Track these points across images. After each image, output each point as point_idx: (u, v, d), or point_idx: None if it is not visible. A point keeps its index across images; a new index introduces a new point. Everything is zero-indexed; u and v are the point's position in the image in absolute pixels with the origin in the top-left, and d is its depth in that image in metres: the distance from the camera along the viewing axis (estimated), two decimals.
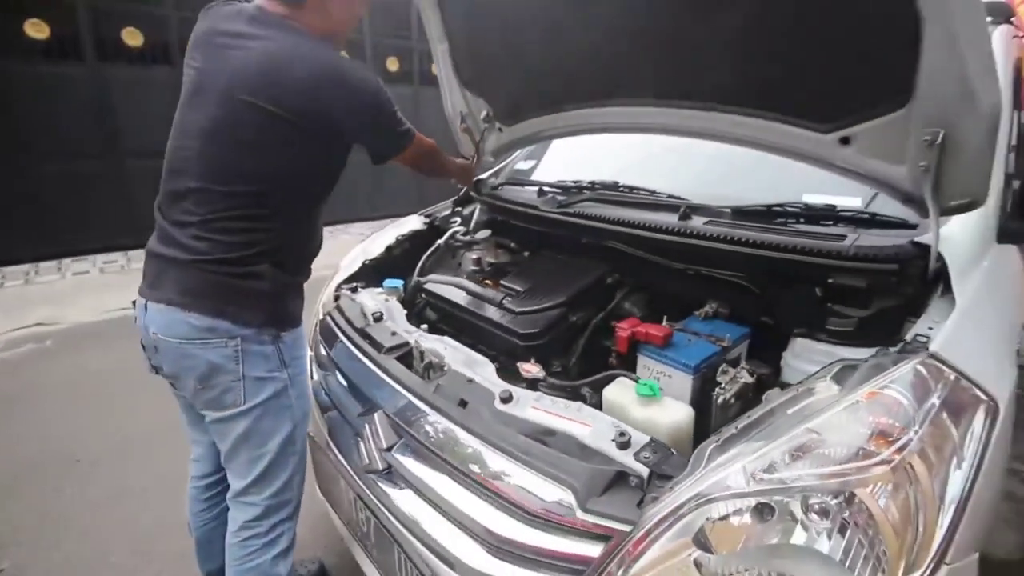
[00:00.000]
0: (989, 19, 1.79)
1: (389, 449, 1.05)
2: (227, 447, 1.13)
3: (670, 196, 1.43)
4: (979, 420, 0.81)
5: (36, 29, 4.33)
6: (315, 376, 1.40)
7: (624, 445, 0.82)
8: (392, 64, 6.38)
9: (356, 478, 1.11)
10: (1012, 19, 1.98)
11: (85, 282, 4.44)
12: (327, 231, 1.24)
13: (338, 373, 1.32)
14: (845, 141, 1.03)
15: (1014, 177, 1.38)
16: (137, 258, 5.17)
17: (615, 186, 1.55)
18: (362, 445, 1.11)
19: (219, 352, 1.05)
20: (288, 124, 1.01)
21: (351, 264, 1.68)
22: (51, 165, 4.53)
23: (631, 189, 1.52)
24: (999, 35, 1.67)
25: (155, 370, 1.16)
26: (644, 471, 0.78)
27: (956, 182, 0.91)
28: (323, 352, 1.40)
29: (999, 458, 0.83)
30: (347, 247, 1.86)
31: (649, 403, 0.97)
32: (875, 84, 0.92)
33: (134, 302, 1.13)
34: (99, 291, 4.22)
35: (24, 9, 4.25)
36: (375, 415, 1.11)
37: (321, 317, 1.50)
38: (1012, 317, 1.18)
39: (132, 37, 4.79)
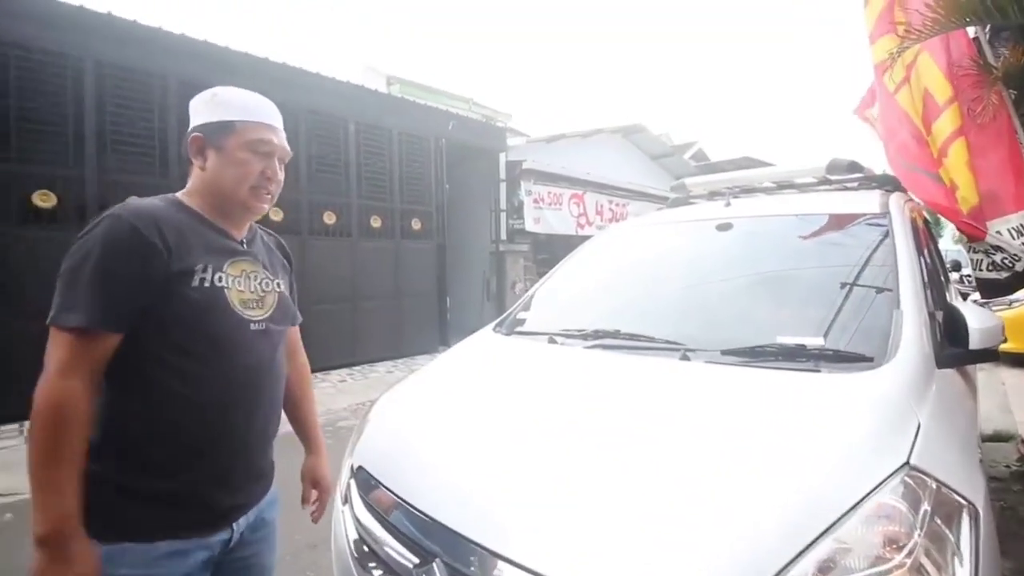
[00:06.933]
0: (884, 188, 2.29)
1: None
2: None
3: (667, 341, 1.67)
4: (966, 523, 0.97)
5: None
6: (352, 533, 1.43)
7: None
8: (329, 218, 7.04)
9: None
10: (902, 187, 2.53)
11: None
12: (343, 374, 1.16)
13: (381, 526, 1.37)
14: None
15: (935, 312, 1.70)
16: None
17: (617, 333, 1.79)
18: None
19: None
20: None
21: None
22: None
23: (631, 336, 1.76)
24: (895, 200, 2.13)
25: None
26: None
27: None
28: (362, 506, 1.45)
29: (992, 558, 0.98)
30: (375, 386, 1.91)
31: None
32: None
33: None
34: None
35: None
36: (433, 564, 1.16)
37: (357, 467, 1.57)
38: (967, 430, 1.40)
39: (44, 199, 4.81)
